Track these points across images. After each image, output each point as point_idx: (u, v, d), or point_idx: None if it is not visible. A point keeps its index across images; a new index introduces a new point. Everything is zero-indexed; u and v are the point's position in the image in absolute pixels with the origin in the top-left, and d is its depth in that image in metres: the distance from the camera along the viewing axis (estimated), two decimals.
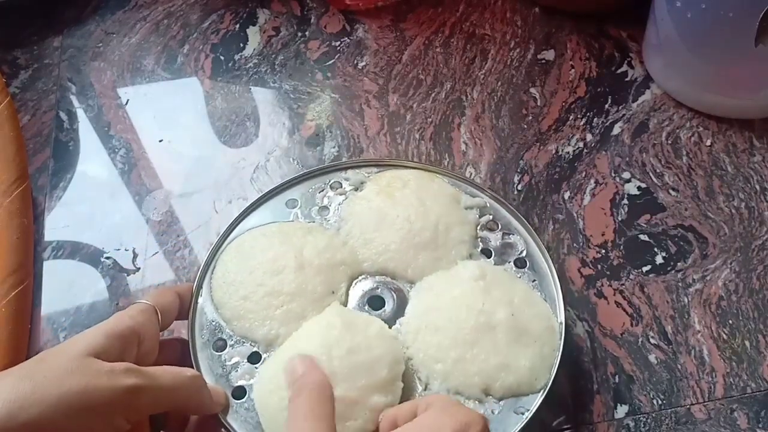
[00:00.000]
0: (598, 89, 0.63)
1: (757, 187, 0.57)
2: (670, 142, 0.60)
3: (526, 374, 0.42)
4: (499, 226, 0.50)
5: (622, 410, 0.47)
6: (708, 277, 0.52)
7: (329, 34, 0.69)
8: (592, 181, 0.57)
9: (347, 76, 0.65)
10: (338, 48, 0.67)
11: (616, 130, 0.61)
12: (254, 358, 0.44)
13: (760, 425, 0.46)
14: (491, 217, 0.50)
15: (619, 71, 0.65)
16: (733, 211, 0.55)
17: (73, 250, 0.55)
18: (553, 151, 0.59)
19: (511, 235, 0.49)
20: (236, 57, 0.67)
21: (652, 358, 0.49)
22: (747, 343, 0.49)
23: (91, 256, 0.55)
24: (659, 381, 0.48)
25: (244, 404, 0.42)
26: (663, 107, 0.62)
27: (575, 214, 0.56)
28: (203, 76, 0.66)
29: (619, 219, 0.55)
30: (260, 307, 0.45)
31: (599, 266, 0.53)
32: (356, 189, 0.52)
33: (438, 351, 0.43)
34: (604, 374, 0.48)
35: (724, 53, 0.56)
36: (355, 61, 0.66)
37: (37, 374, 0.32)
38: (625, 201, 0.56)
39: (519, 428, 0.41)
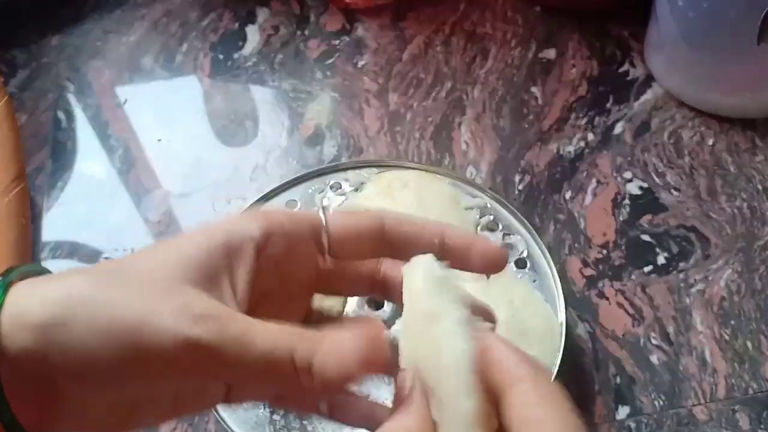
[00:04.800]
0: (600, 88, 0.63)
1: (760, 186, 0.56)
2: (672, 141, 0.59)
3: None
4: (500, 227, 0.50)
5: (623, 411, 0.46)
6: (710, 278, 0.52)
7: (329, 33, 0.68)
8: (594, 180, 0.57)
9: (347, 75, 0.65)
10: (338, 47, 0.67)
11: (617, 129, 0.60)
12: None
13: (762, 426, 0.45)
14: (492, 217, 0.50)
15: (620, 70, 0.64)
16: (735, 211, 0.55)
17: (71, 251, 0.55)
18: (555, 151, 0.59)
19: (511, 236, 0.49)
20: (235, 56, 0.67)
21: (653, 358, 0.48)
22: (749, 343, 0.49)
23: (89, 256, 0.54)
24: (661, 382, 0.47)
25: (243, 404, 0.42)
26: (665, 107, 0.61)
27: (576, 214, 0.55)
28: (202, 75, 0.65)
29: (621, 219, 0.55)
30: None
31: (601, 267, 0.53)
32: (356, 190, 0.52)
33: None
34: (605, 375, 0.48)
35: (726, 52, 0.56)
36: (355, 60, 0.66)
37: (111, 291, 0.24)
38: (627, 201, 0.56)
39: None
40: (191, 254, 0.25)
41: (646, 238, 0.54)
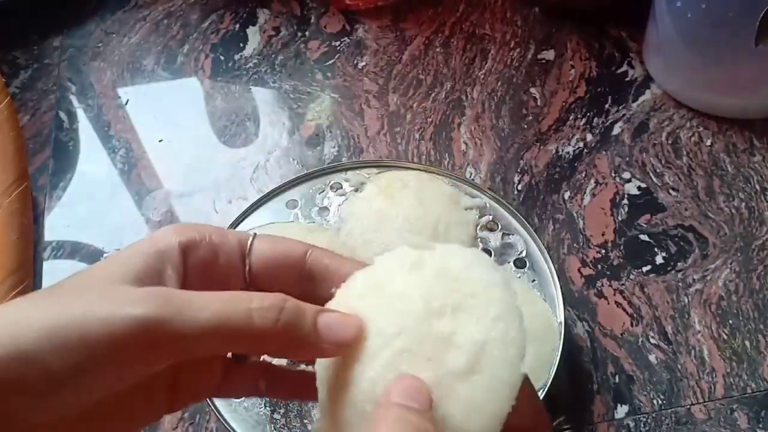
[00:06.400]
0: (599, 89, 0.63)
1: (758, 187, 0.57)
2: (670, 142, 0.59)
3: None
4: (499, 227, 0.50)
5: (622, 410, 0.47)
6: (708, 277, 0.52)
7: (329, 34, 0.69)
8: (593, 181, 0.57)
9: (347, 76, 0.65)
10: (338, 48, 0.67)
11: (616, 130, 0.60)
12: None
13: (761, 425, 0.46)
14: (491, 217, 0.50)
15: (619, 71, 0.64)
16: (734, 211, 0.55)
17: (72, 250, 0.55)
18: (553, 151, 0.59)
19: (510, 236, 0.50)
20: (236, 57, 0.67)
21: (652, 358, 0.48)
22: (747, 343, 0.49)
23: (90, 256, 0.54)
24: (659, 381, 0.48)
25: (243, 403, 0.42)
26: (663, 107, 0.62)
27: (575, 214, 0.56)
28: (203, 76, 0.66)
29: (620, 219, 0.55)
30: None
31: (599, 266, 0.53)
32: (356, 190, 0.52)
33: None
34: (604, 374, 0.48)
35: (724, 53, 0.56)
36: (355, 61, 0.66)
37: (52, 299, 0.25)
38: (626, 201, 0.56)
39: None
40: (125, 261, 0.26)
41: (644, 237, 0.54)
